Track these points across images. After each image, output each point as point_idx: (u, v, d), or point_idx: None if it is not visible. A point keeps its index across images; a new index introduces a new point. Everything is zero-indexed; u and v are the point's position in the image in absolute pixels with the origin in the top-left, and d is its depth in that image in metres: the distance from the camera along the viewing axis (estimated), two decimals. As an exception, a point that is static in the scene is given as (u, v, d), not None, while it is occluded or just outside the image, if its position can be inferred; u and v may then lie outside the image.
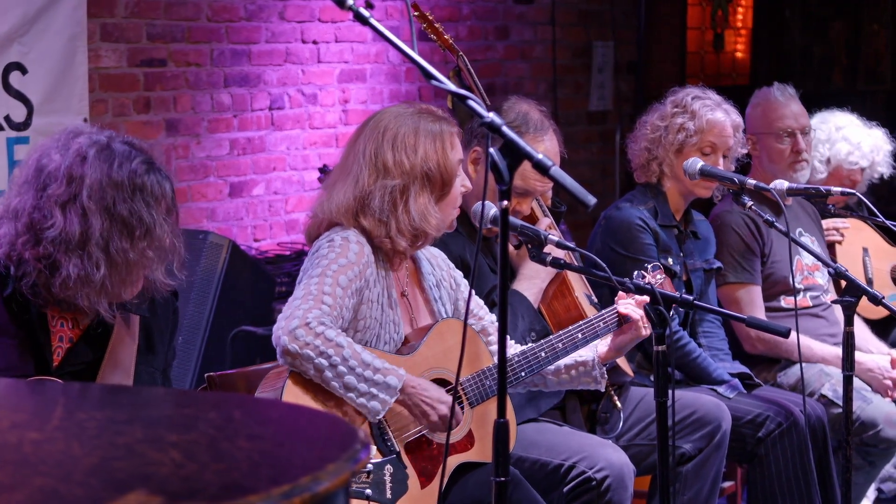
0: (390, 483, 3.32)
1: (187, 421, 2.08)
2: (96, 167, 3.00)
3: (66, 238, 2.98)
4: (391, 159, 3.49)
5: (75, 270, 2.98)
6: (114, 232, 3.00)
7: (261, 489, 1.71)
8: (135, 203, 3.02)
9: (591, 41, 8.21)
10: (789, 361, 4.88)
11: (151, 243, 3.04)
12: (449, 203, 3.56)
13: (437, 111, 3.62)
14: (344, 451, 1.86)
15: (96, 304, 3.02)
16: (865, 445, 4.81)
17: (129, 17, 5.62)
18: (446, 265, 3.78)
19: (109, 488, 1.73)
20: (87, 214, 2.98)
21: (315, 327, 3.26)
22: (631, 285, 3.48)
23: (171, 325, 3.31)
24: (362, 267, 3.43)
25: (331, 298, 3.33)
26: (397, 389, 3.32)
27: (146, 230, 3.03)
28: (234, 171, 6.16)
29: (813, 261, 5.01)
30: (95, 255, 2.98)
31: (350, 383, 3.28)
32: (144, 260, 3.04)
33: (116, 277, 3.01)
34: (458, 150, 3.58)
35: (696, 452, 4.22)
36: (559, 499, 3.75)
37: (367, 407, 3.30)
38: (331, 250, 3.42)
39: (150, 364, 3.21)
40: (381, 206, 3.47)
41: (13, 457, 1.87)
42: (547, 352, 3.68)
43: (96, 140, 3.05)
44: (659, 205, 4.66)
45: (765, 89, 5.15)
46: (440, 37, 4.54)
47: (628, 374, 4.17)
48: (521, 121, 4.09)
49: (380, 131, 3.53)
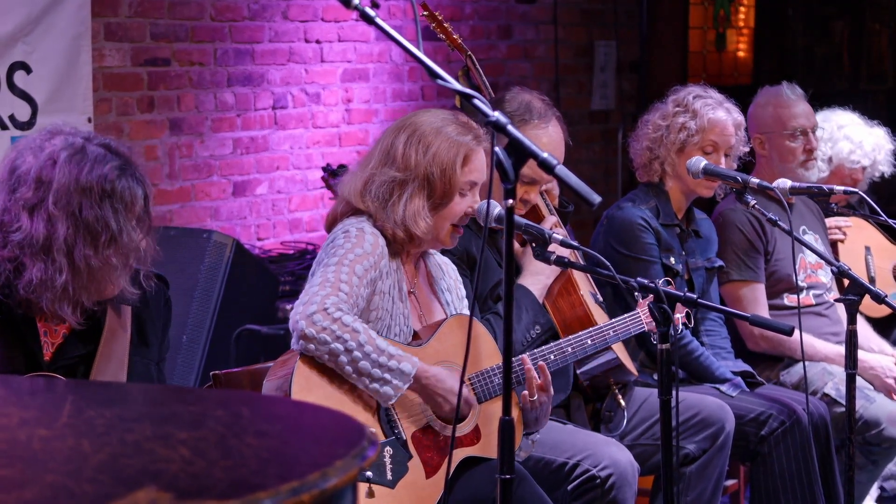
0: (390, 464, 3.34)
1: (195, 418, 2.09)
2: (65, 171, 3.00)
3: (31, 242, 2.99)
4: (401, 151, 3.52)
5: (38, 274, 2.99)
6: (78, 238, 2.99)
7: (269, 486, 1.71)
8: (102, 209, 3.00)
9: (593, 41, 8.22)
10: (792, 360, 4.88)
11: (117, 250, 3.02)
12: (445, 216, 3.56)
13: (475, 127, 3.59)
14: (352, 447, 1.87)
15: (59, 309, 3.01)
16: (868, 444, 4.82)
17: (132, 16, 5.63)
18: (455, 275, 3.81)
19: (119, 485, 1.74)
20: (52, 220, 2.99)
21: (333, 312, 3.28)
22: (635, 284, 3.49)
23: (164, 317, 3.32)
24: (377, 258, 3.46)
25: (347, 286, 3.36)
26: (411, 376, 3.35)
27: (111, 237, 3.01)
28: (238, 171, 6.17)
29: (816, 259, 5.02)
30: (59, 260, 2.98)
31: (364, 368, 3.30)
32: (108, 267, 3.02)
33: (78, 283, 3.01)
34: (476, 170, 3.56)
35: (699, 453, 4.22)
36: (563, 497, 3.76)
37: (380, 392, 3.33)
38: (346, 240, 3.46)
39: (144, 356, 3.22)
40: (377, 192, 3.52)
41: (23, 453, 1.88)
42: (556, 354, 3.69)
43: (71, 143, 3.04)
44: (661, 204, 4.66)
45: (772, 88, 5.14)
46: (449, 36, 4.56)
47: (633, 372, 4.18)
48: (524, 109, 4.10)
49: (406, 124, 3.57)
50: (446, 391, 3.41)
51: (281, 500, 1.68)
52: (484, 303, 4.00)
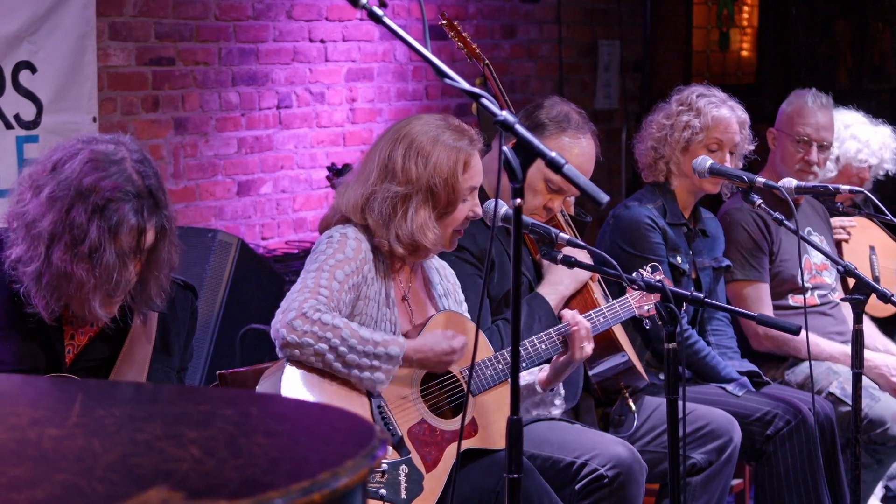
0: (405, 483, 3.33)
1: (204, 417, 2.09)
2: (76, 169, 2.97)
3: (25, 217, 2.98)
4: (400, 165, 3.49)
5: (20, 252, 2.98)
6: (60, 236, 2.95)
7: (280, 485, 1.71)
8: (90, 220, 2.94)
9: (597, 40, 8.21)
10: (797, 359, 4.88)
11: (92, 267, 2.94)
12: (450, 223, 3.55)
13: (468, 130, 3.58)
14: (362, 447, 1.87)
15: (33, 297, 2.97)
16: (873, 443, 4.81)
17: (137, 16, 5.63)
18: (453, 279, 3.81)
19: (130, 484, 1.74)
20: (45, 207, 2.96)
21: (311, 315, 3.29)
22: (642, 283, 3.49)
23: (189, 326, 3.31)
24: (360, 263, 3.45)
25: (327, 290, 3.36)
26: (399, 358, 3.36)
27: (90, 250, 2.94)
28: (242, 170, 6.17)
29: (821, 260, 5.02)
30: (39, 248, 2.96)
31: (352, 361, 3.31)
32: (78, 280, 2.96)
33: (49, 279, 2.96)
34: (474, 174, 3.55)
35: (706, 465, 4.22)
36: (571, 496, 3.75)
37: (372, 379, 3.34)
38: (328, 246, 3.46)
39: (165, 364, 3.21)
40: (380, 209, 3.49)
41: (33, 452, 1.88)
42: (547, 343, 3.70)
43: (110, 151, 3.01)
44: (667, 203, 4.66)
45: (802, 91, 5.13)
46: (467, 45, 4.59)
47: (644, 377, 4.17)
48: (563, 117, 4.12)
49: (401, 135, 3.53)
50: (440, 354, 3.44)
51: (292, 499, 1.69)
52: (498, 306, 3.99)
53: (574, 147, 4.10)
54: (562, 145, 4.05)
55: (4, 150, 4.99)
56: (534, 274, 4.14)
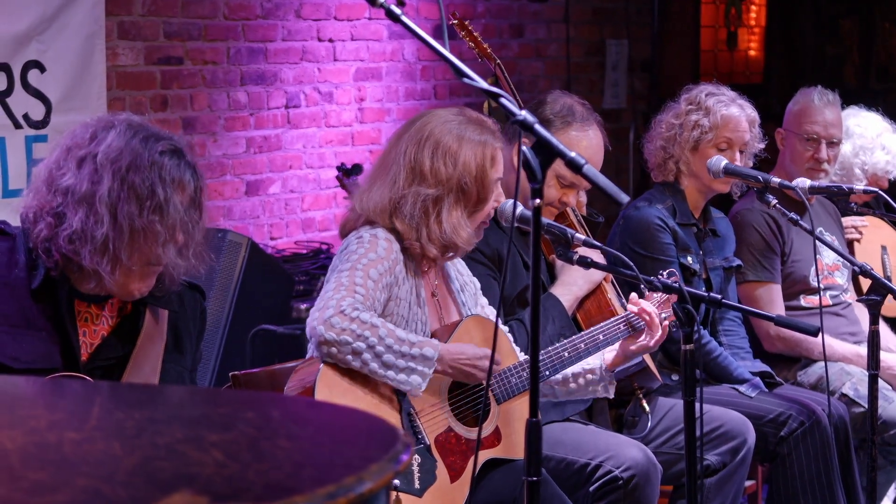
0: (419, 473, 3.32)
1: (225, 420, 2.06)
2: (121, 134, 2.99)
3: (75, 189, 2.96)
4: (429, 166, 3.46)
5: (79, 223, 2.94)
6: (122, 194, 2.94)
7: (305, 490, 1.69)
8: (151, 175, 2.96)
9: (604, 39, 8.20)
10: (809, 360, 4.86)
11: (163, 219, 2.96)
12: (478, 219, 3.54)
13: (486, 121, 3.57)
14: (386, 451, 1.84)
15: (98, 264, 2.94)
16: (887, 445, 4.79)
17: (146, 15, 5.62)
18: (466, 271, 3.79)
19: (154, 489, 1.72)
20: (98, 171, 2.95)
21: (350, 313, 3.26)
22: (658, 284, 3.47)
23: (199, 326, 3.29)
24: (391, 263, 3.43)
25: (363, 289, 3.33)
26: (434, 360, 3.33)
27: (157, 204, 2.95)
28: (251, 170, 6.15)
29: (833, 261, 5.00)
30: (101, 212, 2.94)
31: (388, 361, 3.28)
32: (151, 233, 2.96)
33: (119, 241, 2.95)
34: (500, 167, 3.54)
35: (720, 466, 4.20)
36: (585, 498, 3.74)
37: (409, 381, 3.31)
38: (360, 245, 3.42)
39: (177, 363, 3.19)
40: (412, 213, 3.46)
41: (54, 457, 1.85)
42: (570, 352, 3.67)
43: (132, 120, 3.04)
44: (677, 203, 4.64)
45: (808, 89, 5.09)
46: (479, 45, 4.57)
47: (658, 378, 4.14)
48: (567, 111, 4.10)
49: (423, 135, 3.50)
50: (472, 359, 3.40)
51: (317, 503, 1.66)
52: (511, 307, 3.97)
53: (582, 140, 4.08)
54: (569, 139, 4.03)
55: (14, 149, 4.97)
56: (547, 274, 4.12)
